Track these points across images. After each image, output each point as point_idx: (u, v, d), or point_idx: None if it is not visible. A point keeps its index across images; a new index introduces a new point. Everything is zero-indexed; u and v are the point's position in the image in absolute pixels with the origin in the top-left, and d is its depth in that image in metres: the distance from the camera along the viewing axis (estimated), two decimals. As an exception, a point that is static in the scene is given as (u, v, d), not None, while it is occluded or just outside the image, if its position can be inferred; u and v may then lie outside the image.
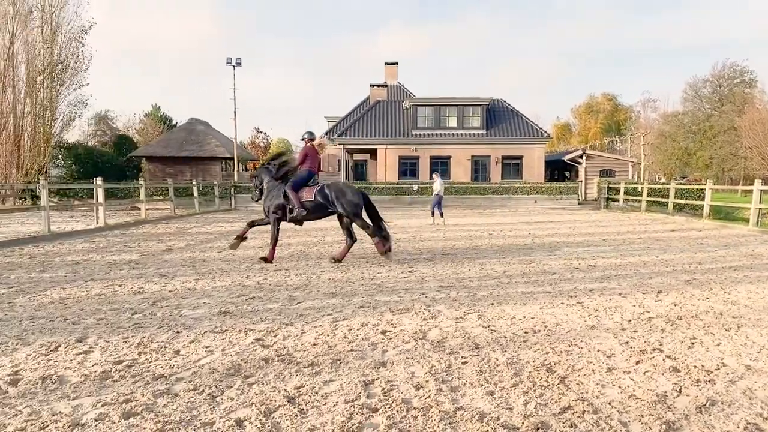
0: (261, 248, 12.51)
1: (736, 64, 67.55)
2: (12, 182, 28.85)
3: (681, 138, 68.61)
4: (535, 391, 4.05)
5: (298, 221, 10.52)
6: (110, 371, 4.41)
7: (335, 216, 10.59)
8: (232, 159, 37.39)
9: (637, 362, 4.68)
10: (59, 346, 5.07)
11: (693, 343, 5.19)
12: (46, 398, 3.85)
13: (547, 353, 4.92)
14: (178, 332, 5.57)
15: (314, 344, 5.16)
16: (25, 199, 29.11)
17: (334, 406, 3.74)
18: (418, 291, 7.66)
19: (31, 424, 3.40)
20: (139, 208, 22.51)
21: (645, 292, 7.59)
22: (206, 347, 5.07)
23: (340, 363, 4.63)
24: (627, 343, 5.22)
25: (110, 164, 40.09)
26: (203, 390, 4.00)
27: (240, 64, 35.34)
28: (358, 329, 5.68)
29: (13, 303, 6.87)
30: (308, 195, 10.31)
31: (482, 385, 4.15)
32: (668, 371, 4.46)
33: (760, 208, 17.26)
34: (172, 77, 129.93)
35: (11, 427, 3.36)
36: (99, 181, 17.66)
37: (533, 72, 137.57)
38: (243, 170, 46.03)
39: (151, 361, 4.67)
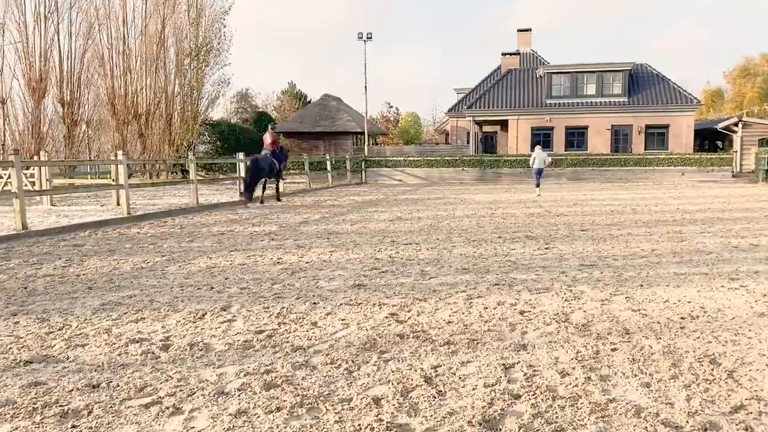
0: (392, 221, 12.57)
1: None
2: (165, 157, 31.41)
3: None
4: (698, 385, 3.60)
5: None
6: (252, 341, 4.54)
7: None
8: (362, 133, 38.07)
9: (825, 359, 4.04)
10: (206, 313, 5.32)
11: None
12: (193, 365, 4.02)
13: (710, 342, 4.39)
14: (315, 303, 5.65)
15: (449, 322, 5.01)
16: (176, 173, 31.60)
17: (474, 389, 3.56)
18: (557, 269, 7.24)
19: (180, 390, 3.55)
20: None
21: (825, 277, 6.64)
22: (342, 320, 5.09)
23: (477, 343, 4.44)
24: (809, 335, 4.54)
25: (251, 140, 42.33)
26: (340, 364, 3.99)
27: (371, 38, 35.62)
28: (495, 308, 5.44)
29: (165, 271, 7.37)
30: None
31: (636, 375, 3.77)
32: None
33: None
34: (308, 56, 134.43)
35: (162, 392, 3.53)
36: (241, 155, 18.65)
37: (679, 35, 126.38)
38: (373, 144, 46.84)
39: (290, 332, 4.76)
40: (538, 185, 21.48)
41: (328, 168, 27.03)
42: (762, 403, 3.34)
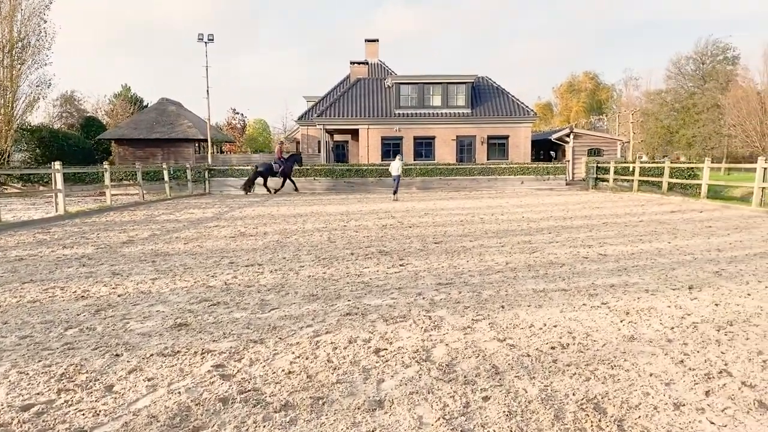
0: (233, 238, 11.31)
1: (719, 40, 67.17)
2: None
3: (663, 116, 68.26)
4: (588, 444, 2.97)
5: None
6: (10, 424, 3.24)
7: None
8: (206, 140, 35.77)
9: (707, 392, 3.62)
10: (-47, 382, 3.88)
11: (765, 362, 4.15)
12: None
13: (588, 380, 3.84)
14: (117, 356, 4.40)
15: (290, 372, 4.03)
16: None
17: (316, 484, 2.63)
18: (414, 291, 6.54)
19: None
20: (106, 194, 21.06)
21: (675, 288, 6.57)
22: (149, 380, 3.91)
23: (324, 403, 3.51)
24: (682, 362, 4.16)
25: (77, 147, 38.11)
26: (131, 457, 2.86)
27: (212, 40, 33.56)
28: (345, 348, 4.55)
29: None
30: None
31: (516, 436, 3.06)
32: (754, 407, 3.41)
33: (763, 188, 16.36)
34: (152, 59, 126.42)
35: None
36: (57, 165, 16.23)
37: (515, 53, 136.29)
38: (218, 152, 44.41)
39: (71, 405, 3.51)
40: (395, 191, 23.37)
41: (166, 178, 24.77)
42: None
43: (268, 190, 26.69)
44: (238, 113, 68.94)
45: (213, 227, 13.39)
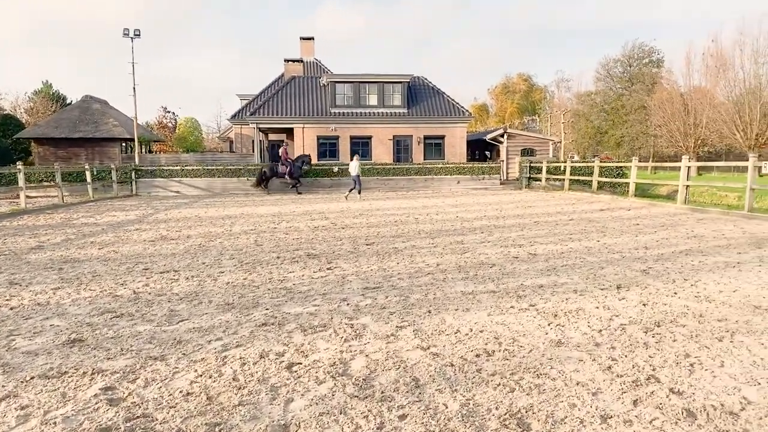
0: (153, 242, 10.67)
1: (644, 44, 69.85)
2: None
3: (593, 117, 70.46)
4: (509, 467, 2.71)
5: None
6: None
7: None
8: (133, 140, 34.24)
9: (635, 402, 3.44)
10: None
11: (692, 365, 4.02)
12: None
13: (512, 392, 3.60)
14: (-9, 380, 3.87)
15: (188, 395, 3.62)
16: None
17: None
18: (338, 297, 6.20)
19: None
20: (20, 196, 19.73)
21: (603, 288, 6.49)
22: (21, 408, 3.42)
23: (220, 430, 3.12)
24: (610, 368, 3.99)
25: (-8, 146, 35.90)
26: None
27: (138, 35, 32.10)
28: (255, 363, 4.16)
29: None
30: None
31: (432, 462, 2.77)
32: (682, 417, 3.24)
33: (687, 186, 16.88)
34: (80, 57, 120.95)
35: None
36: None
37: (453, 55, 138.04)
38: (147, 152, 42.68)
39: None
40: (352, 190, 23.68)
41: (88, 179, 23.50)
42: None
43: (262, 186, 27.35)
44: (169, 112, 66.77)
45: (133, 231, 12.65)
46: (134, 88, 32.87)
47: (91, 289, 6.73)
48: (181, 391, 3.66)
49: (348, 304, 5.84)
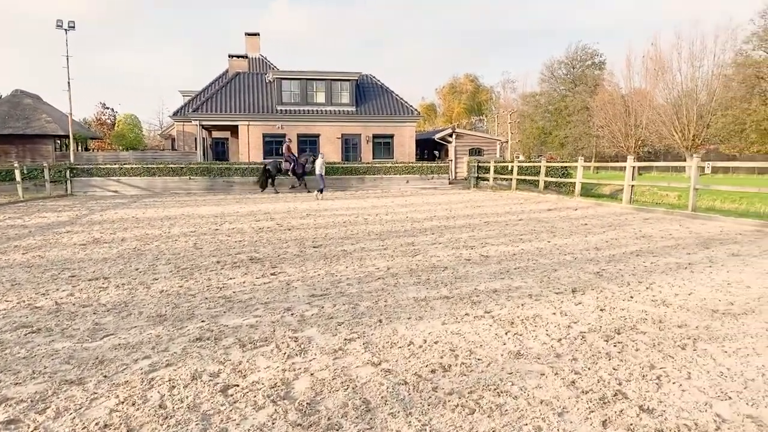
0: (84, 246, 9.95)
1: (587, 46, 71.72)
2: None
3: (538, 118, 71.84)
4: None
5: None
6: None
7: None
8: (68, 137, 32.61)
9: (604, 423, 3.17)
10: None
11: (659, 378, 3.80)
12: None
13: (472, 414, 3.29)
14: None
15: (105, 426, 3.15)
16: None
17: None
18: (282, 305, 5.77)
19: None
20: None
21: (559, 292, 6.28)
22: None
23: (140, 474, 2.68)
24: (574, 383, 3.72)
25: None
26: None
27: (73, 27, 30.59)
28: (186, 386, 3.71)
29: None
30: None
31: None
32: (655, 440, 2.98)
33: (632, 185, 17.11)
34: (7, 49, 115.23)
35: None
36: None
37: (403, 54, 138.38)
38: (84, 150, 40.83)
39: None
40: (320, 189, 22.94)
41: (18, 178, 22.14)
42: None
43: (266, 188, 26.49)
44: (108, 108, 64.26)
45: (64, 233, 11.82)
46: (69, 83, 31.35)
47: (8, 300, 6.08)
48: (97, 423, 3.19)
49: (292, 314, 5.42)
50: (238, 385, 3.72)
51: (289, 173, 26.45)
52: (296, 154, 27.00)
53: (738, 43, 46.47)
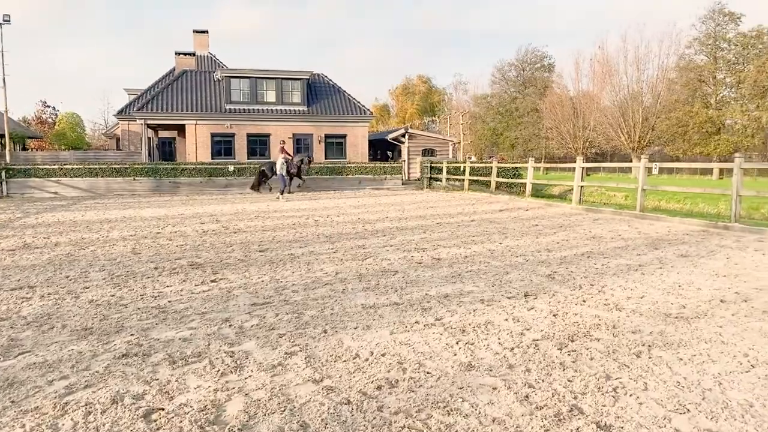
0: (12, 252, 9.30)
1: (537, 49, 72.95)
2: None
3: (490, 119, 72.63)
4: None
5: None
6: None
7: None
8: (3, 136, 31.03)
9: (559, 442, 2.96)
10: None
11: (615, 390, 3.62)
12: None
13: (420, 435, 3.02)
14: None
15: (1, 466, 2.75)
16: None
17: None
18: (220, 316, 5.40)
19: None
20: None
21: (511, 296, 6.10)
22: None
23: None
24: (528, 398, 3.50)
25: None
26: None
27: (9, 21, 29.12)
28: (104, 412, 3.33)
29: None
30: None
31: None
32: (614, 461, 2.78)
33: (582, 186, 17.28)
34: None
35: None
36: None
37: (356, 54, 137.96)
38: (22, 149, 39.01)
39: None
40: (282, 191, 22.64)
41: (-54, 179, 20.90)
42: None
43: (259, 189, 25.45)
44: (49, 106, 61.76)
45: (-9, 238, 11.06)
46: (4, 80, 29.79)
47: None
48: (-7, 462, 2.79)
49: (231, 326, 5.06)
50: (163, 409, 3.36)
51: (289, 174, 25.56)
52: (291, 155, 25.99)
53: (681, 48, 47.98)
